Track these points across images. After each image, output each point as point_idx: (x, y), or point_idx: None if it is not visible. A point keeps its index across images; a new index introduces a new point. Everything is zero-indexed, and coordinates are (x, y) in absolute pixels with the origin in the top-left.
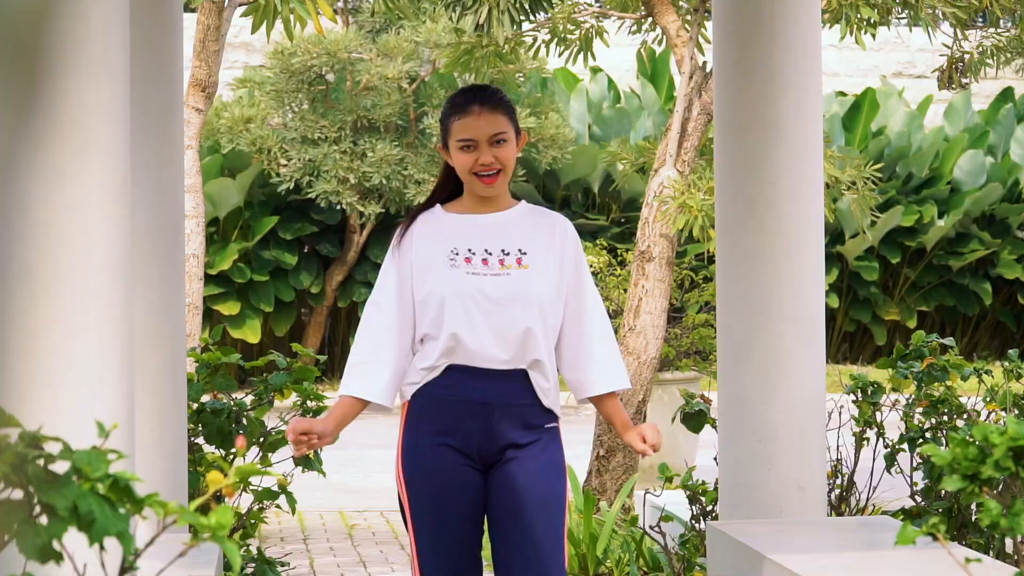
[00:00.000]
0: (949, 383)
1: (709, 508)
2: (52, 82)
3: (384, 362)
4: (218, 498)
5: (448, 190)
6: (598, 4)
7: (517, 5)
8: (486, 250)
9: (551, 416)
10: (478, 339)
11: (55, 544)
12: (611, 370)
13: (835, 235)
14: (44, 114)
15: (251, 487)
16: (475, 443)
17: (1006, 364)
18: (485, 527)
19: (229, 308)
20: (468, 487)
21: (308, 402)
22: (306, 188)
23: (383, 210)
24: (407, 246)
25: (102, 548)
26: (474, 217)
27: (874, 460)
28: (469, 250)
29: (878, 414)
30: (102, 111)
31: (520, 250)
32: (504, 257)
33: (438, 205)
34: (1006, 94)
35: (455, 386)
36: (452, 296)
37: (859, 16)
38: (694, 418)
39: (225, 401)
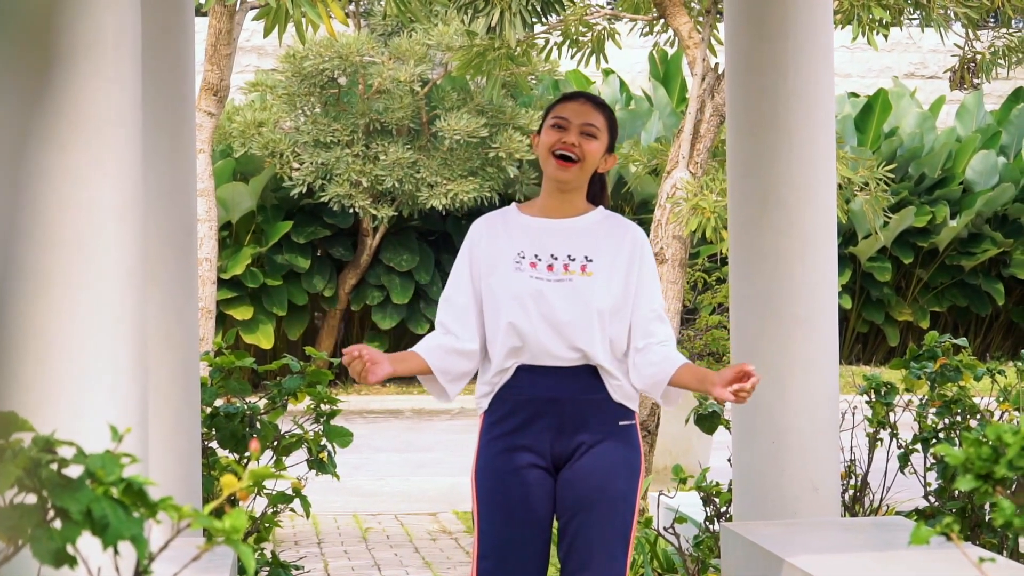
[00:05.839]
0: (962, 383)
1: (723, 509)
2: (63, 86)
3: (455, 349)
4: (232, 502)
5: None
6: (610, 6)
7: (529, 7)
8: (552, 255)
9: (625, 413)
10: (539, 337)
11: (69, 548)
12: (676, 354)
13: (848, 236)
14: (56, 118)
15: (265, 491)
16: (547, 441)
17: (1019, 364)
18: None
19: (242, 312)
20: (539, 490)
21: (322, 405)
22: (319, 192)
23: (396, 213)
24: (476, 244)
25: (116, 552)
26: (545, 221)
27: (887, 461)
28: (535, 255)
29: (891, 415)
30: (114, 115)
31: (586, 257)
32: (569, 263)
33: (513, 204)
34: (1018, 94)
35: (525, 385)
36: (512, 298)
37: (871, 17)
38: (708, 419)
39: (239, 405)
